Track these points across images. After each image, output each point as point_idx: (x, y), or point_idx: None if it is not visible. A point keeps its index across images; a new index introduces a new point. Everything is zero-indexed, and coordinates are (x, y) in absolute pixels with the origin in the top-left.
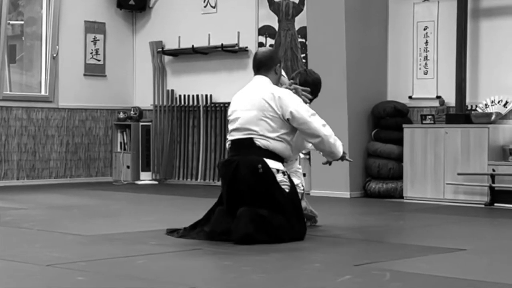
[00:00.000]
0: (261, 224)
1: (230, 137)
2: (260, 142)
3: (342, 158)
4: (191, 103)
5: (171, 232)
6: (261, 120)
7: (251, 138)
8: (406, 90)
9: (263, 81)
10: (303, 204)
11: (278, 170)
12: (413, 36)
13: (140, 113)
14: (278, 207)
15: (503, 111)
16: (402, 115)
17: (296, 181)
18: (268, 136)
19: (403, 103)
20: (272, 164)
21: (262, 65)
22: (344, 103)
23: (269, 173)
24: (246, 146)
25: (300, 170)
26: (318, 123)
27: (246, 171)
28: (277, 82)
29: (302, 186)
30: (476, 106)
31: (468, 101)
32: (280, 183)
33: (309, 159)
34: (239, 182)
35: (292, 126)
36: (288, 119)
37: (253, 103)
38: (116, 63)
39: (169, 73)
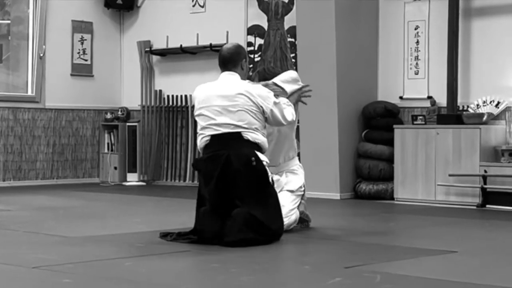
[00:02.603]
0: (256, 226)
1: (212, 131)
2: (249, 135)
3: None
4: (179, 103)
5: (164, 235)
6: (246, 115)
7: (239, 132)
8: (396, 90)
9: (234, 77)
10: (301, 208)
11: (267, 163)
12: (404, 36)
13: (128, 114)
14: (270, 201)
15: (495, 111)
16: (392, 115)
17: (298, 182)
18: (254, 129)
19: (394, 103)
20: (262, 157)
21: (228, 61)
22: (334, 103)
23: (262, 166)
24: (233, 140)
25: (302, 169)
26: (287, 111)
27: (239, 164)
28: (245, 77)
29: (304, 186)
30: (468, 106)
31: (459, 101)
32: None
33: (299, 160)
34: (230, 176)
35: (265, 120)
36: (267, 116)
37: (232, 99)
38: (103, 63)
39: (157, 73)
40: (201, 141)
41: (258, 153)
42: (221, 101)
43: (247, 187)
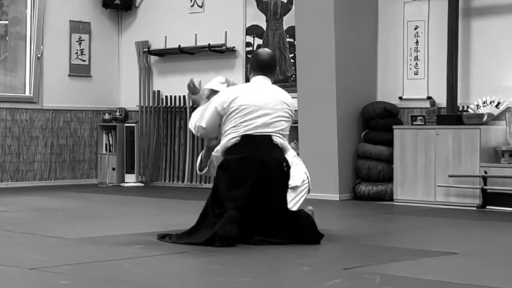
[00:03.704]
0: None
1: (243, 132)
2: (278, 140)
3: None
4: (177, 104)
5: (163, 237)
6: (282, 121)
7: (270, 136)
8: (396, 90)
9: (270, 83)
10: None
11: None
12: (404, 36)
13: (126, 114)
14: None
15: (495, 112)
16: (392, 116)
17: (300, 174)
18: (284, 136)
19: (393, 103)
20: (290, 162)
21: (268, 67)
22: (333, 103)
23: (289, 172)
24: (265, 142)
25: (299, 159)
26: None
27: (273, 168)
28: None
29: (308, 177)
30: (468, 107)
31: (459, 101)
32: None
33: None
34: (265, 179)
35: None
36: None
37: (275, 103)
38: (101, 64)
39: (155, 73)
40: (228, 141)
41: (287, 158)
42: (262, 103)
43: (280, 192)
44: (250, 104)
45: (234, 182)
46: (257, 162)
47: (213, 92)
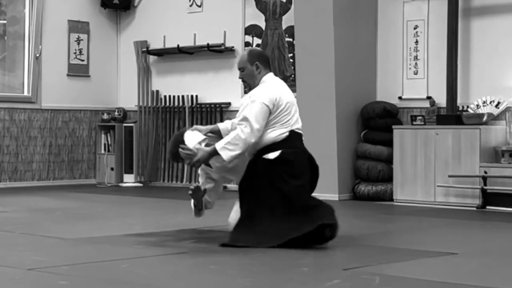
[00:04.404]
0: None
1: (290, 128)
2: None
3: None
4: (176, 104)
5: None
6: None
7: (301, 134)
8: (395, 90)
9: None
10: None
11: None
12: (403, 36)
13: (125, 114)
14: None
15: (495, 112)
16: (391, 116)
17: None
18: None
19: (393, 103)
20: None
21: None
22: (333, 103)
23: None
24: (301, 139)
25: None
26: None
27: (316, 164)
28: None
29: None
30: (468, 106)
31: (459, 101)
32: None
33: None
34: (313, 173)
35: None
36: None
37: (295, 100)
38: (100, 63)
39: (154, 73)
40: (279, 135)
41: None
42: (293, 100)
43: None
44: (289, 101)
45: (295, 173)
46: (307, 156)
47: (200, 143)
